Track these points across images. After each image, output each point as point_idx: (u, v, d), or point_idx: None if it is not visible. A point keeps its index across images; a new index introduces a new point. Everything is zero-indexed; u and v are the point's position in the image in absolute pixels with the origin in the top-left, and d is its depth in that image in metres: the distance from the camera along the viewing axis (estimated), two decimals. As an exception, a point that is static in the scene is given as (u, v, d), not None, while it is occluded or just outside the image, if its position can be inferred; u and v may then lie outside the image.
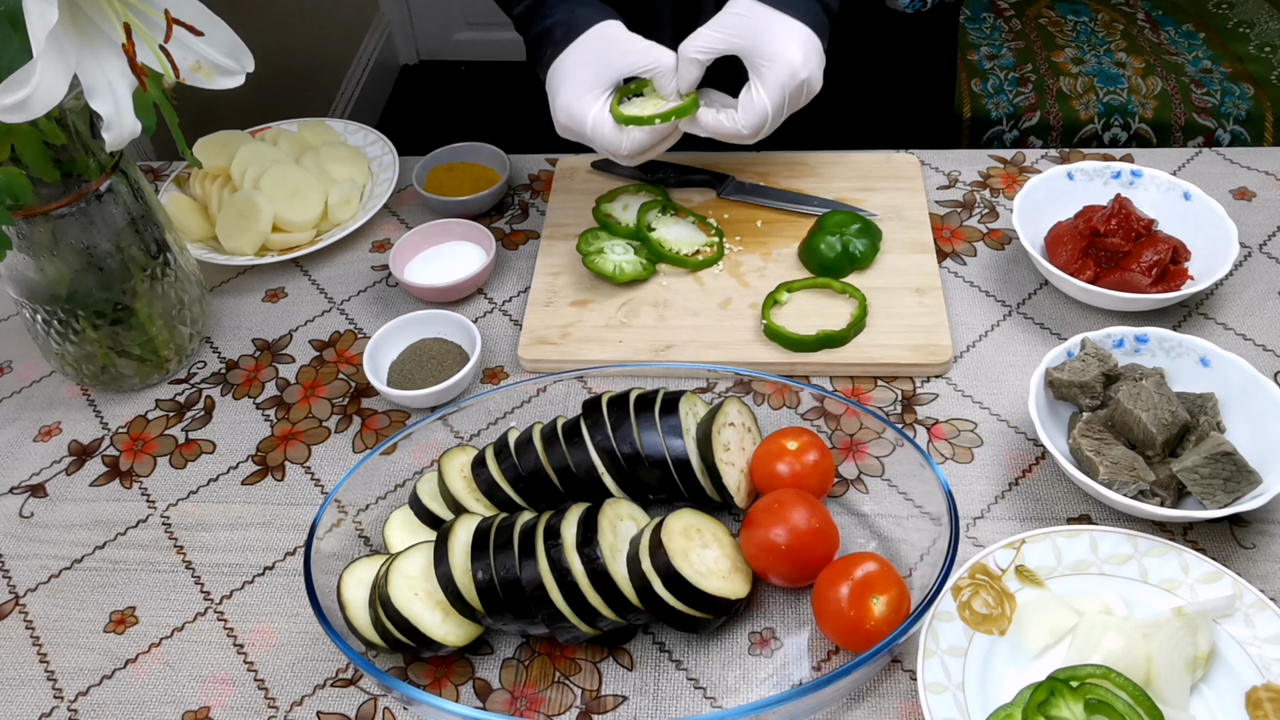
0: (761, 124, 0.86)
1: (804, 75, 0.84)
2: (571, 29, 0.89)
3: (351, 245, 1.07)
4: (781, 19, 0.85)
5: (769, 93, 0.85)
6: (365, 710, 0.71)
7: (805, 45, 0.85)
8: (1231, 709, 0.65)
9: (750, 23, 0.85)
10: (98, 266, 0.83)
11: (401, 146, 1.14)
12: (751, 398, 0.85)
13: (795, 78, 0.84)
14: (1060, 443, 0.79)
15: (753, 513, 0.72)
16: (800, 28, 0.85)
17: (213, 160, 1.05)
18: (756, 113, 0.85)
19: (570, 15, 0.90)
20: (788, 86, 0.84)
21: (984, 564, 0.71)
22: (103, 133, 0.68)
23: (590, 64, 0.88)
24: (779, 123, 0.88)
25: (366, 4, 2.92)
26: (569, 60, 0.89)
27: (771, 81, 0.84)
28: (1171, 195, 0.96)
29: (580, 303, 0.95)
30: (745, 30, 0.85)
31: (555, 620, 0.68)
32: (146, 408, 0.92)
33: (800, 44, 0.84)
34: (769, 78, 0.84)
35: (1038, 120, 1.91)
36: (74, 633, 0.77)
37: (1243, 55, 2.00)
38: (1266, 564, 0.74)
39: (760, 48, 0.85)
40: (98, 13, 0.66)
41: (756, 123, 0.86)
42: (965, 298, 0.96)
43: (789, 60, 0.84)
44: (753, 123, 0.86)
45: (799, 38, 0.84)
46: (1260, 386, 0.78)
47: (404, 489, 0.83)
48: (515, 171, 1.14)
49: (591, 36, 0.88)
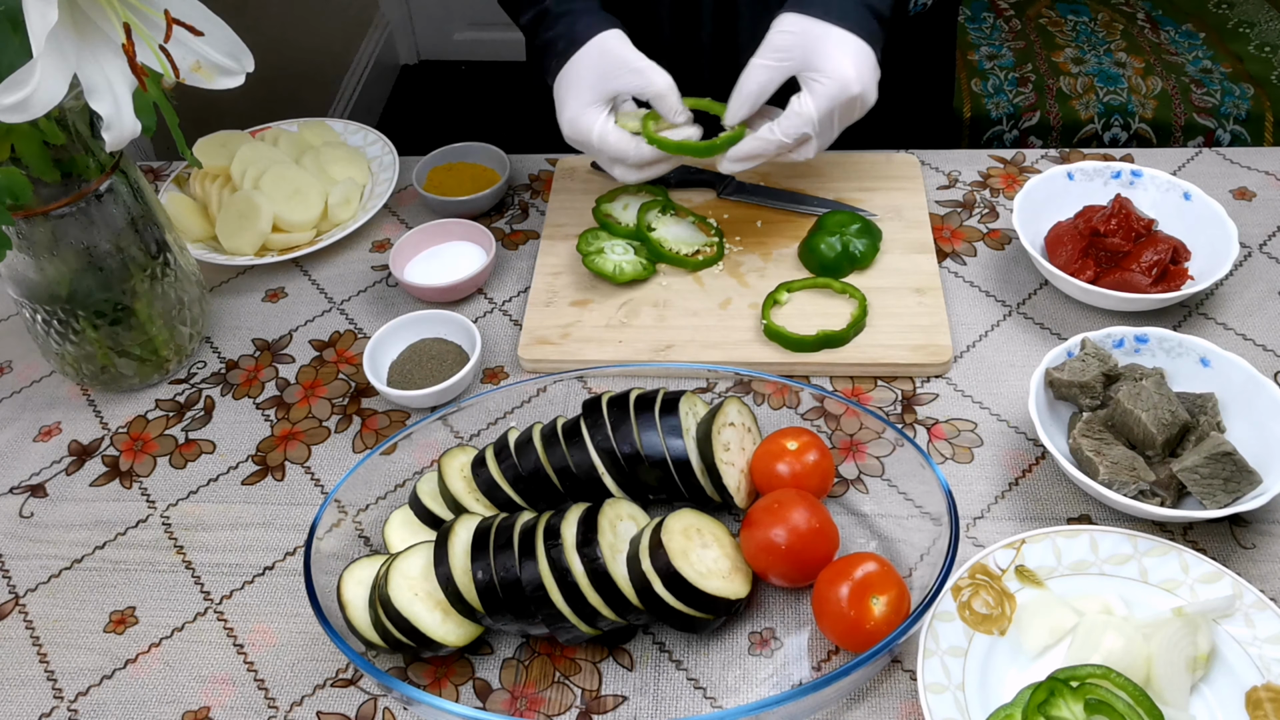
0: (802, 133, 0.84)
1: (856, 90, 0.82)
2: (573, 41, 0.89)
3: (351, 245, 1.07)
4: (832, 32, 0.82)
5: (816, 104, 0.82)
6: (365, 710, 0.71)
7: (858, 58, 0.82)
8: (1231, 709, 0.65)
9: (800, 39, 0.83)
10: (98, 266, 0.83)
11: (401, 146, 1.14)
12: (751, 398, 0.85)
13: (847, 91, 0.82)
14: (1060, 443, 0.79)
15: (753, 513, 0.72)
16: (853, 40, 0.82)
17: (213, 160, 1.05)
18: (801, 122, 0.83)
19: (571, 27, 0.90)
20: (838, 99, 0.82)
21: (984, 564, 0.71)
22: (103, 133, 0.68)
23: (590, 77, 0.88)
24: (828, 139, 0.85)
25: (366, 4, 2.92)
26: (571, 73, 0.89)
27: (821, 94, 0.82)
28: (1171, 195, 0.96)
29: (580, 303, 0.95)
30: (795, 48, 0.83)
31: (555, 620, 0.68)
32: (146, 408, 0.92)
33: (853, 57, 0.82)
34: (819, 90, 0.82)
35: (1038, 120, 1.91)
36: (74, 633, 0.77)
37: (1243, 55, 2.00)
38: (1266, 564, 0.74)
39: (811, 62, 0.82)
40: (98, 13, 0.66)
41: (795, 128, 0.83)
42: (965, 298, 0.96)
43: (841, 75, 0.81)
44: (793, 131, 0.83)
45: (851, 51, 0.82)
46: (1260, 386, 0.78)
47: (404, 489, 0.83)
48: (515, 171, 1.13)
49: (591, 49, 0.88)
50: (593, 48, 0.88)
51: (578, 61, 0.89)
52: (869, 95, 0.84)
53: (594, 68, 0.88)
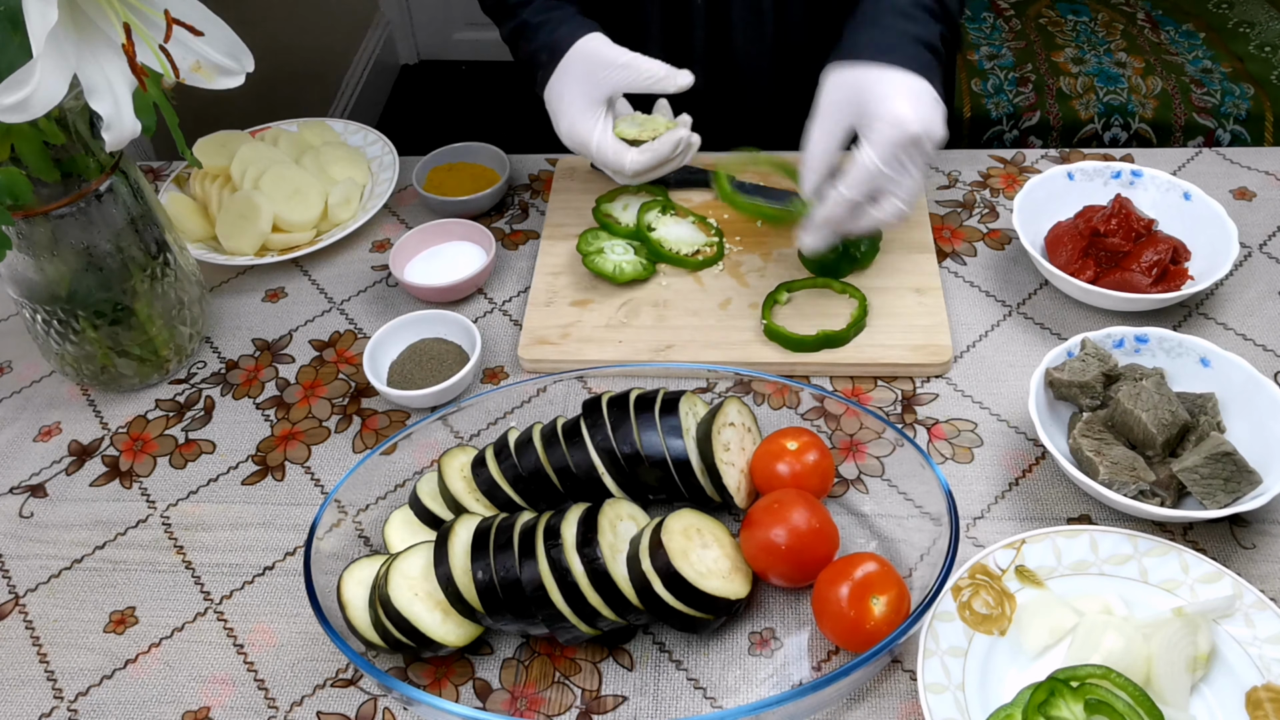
0: (870, 186, 0.78)
1: (916, 129, 0.76)
2: (555, 51, 0.89)
3: (351, 245, 1.07)
4: (883, 75, 0.78)
5: (877, 152, 0.76)
6: (365, 710, 0.71)
7: (912, 95, 0.77)
8: (1231, 709, 0.65)
9: (851, 92, 0.78)
10: (98, 266, 0.83)
11: (401, 146, 1.14)
12: (751, 398, 0.85)
13: (905, 132, 0.76)
14: (1060, 443, 0.79)
15: (753, 513, 0.72)
16: (903, 77, 0.77)
17: (213, 160, 1.05)
18: (865, 174, 0.77)
19: (551, 36, 0.90)
20: (899, 143, 0.76)
21: (984, 564, 0.71)
22: (103, 133, 0.68)
23: (580, 83, 0.88)
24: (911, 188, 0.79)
25: (366, 4, 2.92)
26: (559, 82, 0.89)
27: (879, 141, 0.77)
28: (1171, 195, 0.96)
29: (580, 303, 0.95)
30: (848, 103, 0.79)
31: (555, 620, 0.68)
32: (146, 408, 0.92)
33: (906, 96, 0.76)
34: (876, 138, 0.77)
35: (1038, 120, 1.90)
36: (74, 633, 0.77)
37: (1243, 55, 2.00)
38: (1266, 564, 0.74)
39: (866, 111, 0.77)
40: (98, 13, 0.66)
41: (864, 185, 0.78)
42: (965, 298, 0.96)
43: (895, 117, 0.76)
44: (859, 186, 0.78)
45: (903, 90, 0.77)
46: (1260, 386, 0.78)
47: (404, 489, 0.83)
48: (515, 171, 1.13)
49: (575, 56, 0.88)
50: (576, 53, 0.88)
51: (564, 70, 0.89)
52: (933, 130, 0.77)
53: (581, 73, 0.88)
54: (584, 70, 0.88)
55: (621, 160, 0.88)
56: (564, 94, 0.89)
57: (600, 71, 0.87)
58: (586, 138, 0.88)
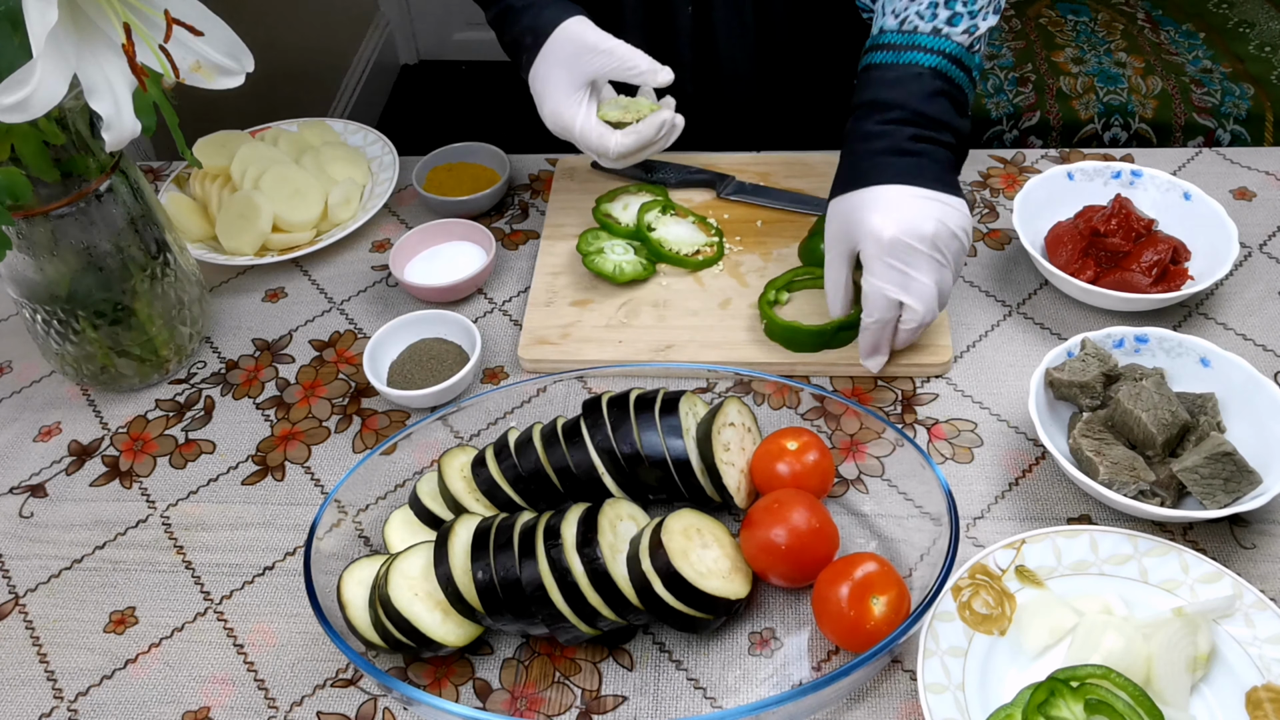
0: (881, 305, 0.80)
1: (890, 234, 0.77)
2: (539, 34, 0.89)
3: (351, 245, 1.07)
4: (860, 196, 0.80)
5: (869, 269, 0.80)
6: (365, 710, 0.71)
7: (884, 205, 0.79)
8: (1231, 709, 0.65)
9: (842, 222, 0.82)
10: (98, 266, 0.83)
11: (401, 146, 1.14)
12: (751, 398, 0.85)
13: (880, 242, 0.78)
14: (1060, 443, 0.79)
15: (753, 513, 0.72)
16: (877, 191, 0.79)
17: (213, 160, 1.05)
18: (875, 297, 0.80)
19: (535, 19, 0.90)
20: (881, 254, 0.79)
21: (984, 564, 0.71)
22: (103, 133, 0.68)
23: (563, 66, 0.88)
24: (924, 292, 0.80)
25: (366, 4, 2.92)
26: (543, 65, 0.89)
27: (867, 258, 0.80)
28: (1171, 195, 0.96)
29: (580, 303, 0.95)
30: (843, 234, 0.82)
31: (555, 620, 0.68)
32: (146, 408, 0.92)
33: (878, 208, 0.79)
34: (865, 256, 0.80)
35: (1038, 120, 1.91)
36: (74, 633, 0.77)
37: (1243, 55, 2.00)
38: (1266, 564, 0.74)
39: (853, 236, 0.81)
40: (98, 13, 0.66)
41: (880, 310, 0.81)
42: (965, 298, 0.96)
43: (870, 231, 0.79)
44: (876, 312, 0.81)
45: (876, 203, 0.79)
46: (1260, 386, 0.78)
47: (404, 489, 0.83)
48: (515, 171, 1.14)
49: (559, 38, 0.88)
50: (559, 37, 0.88)
51: (547, 53, 0.89)
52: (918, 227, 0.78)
53: (564, 56, 0.88)
54: (567, 54, 0.88)
55: (605, 143, 0.88)
56: (547, 77, 0.89)
57: (583, 55, 0.87)
58: (570, 121, 0.88)
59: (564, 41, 0.88)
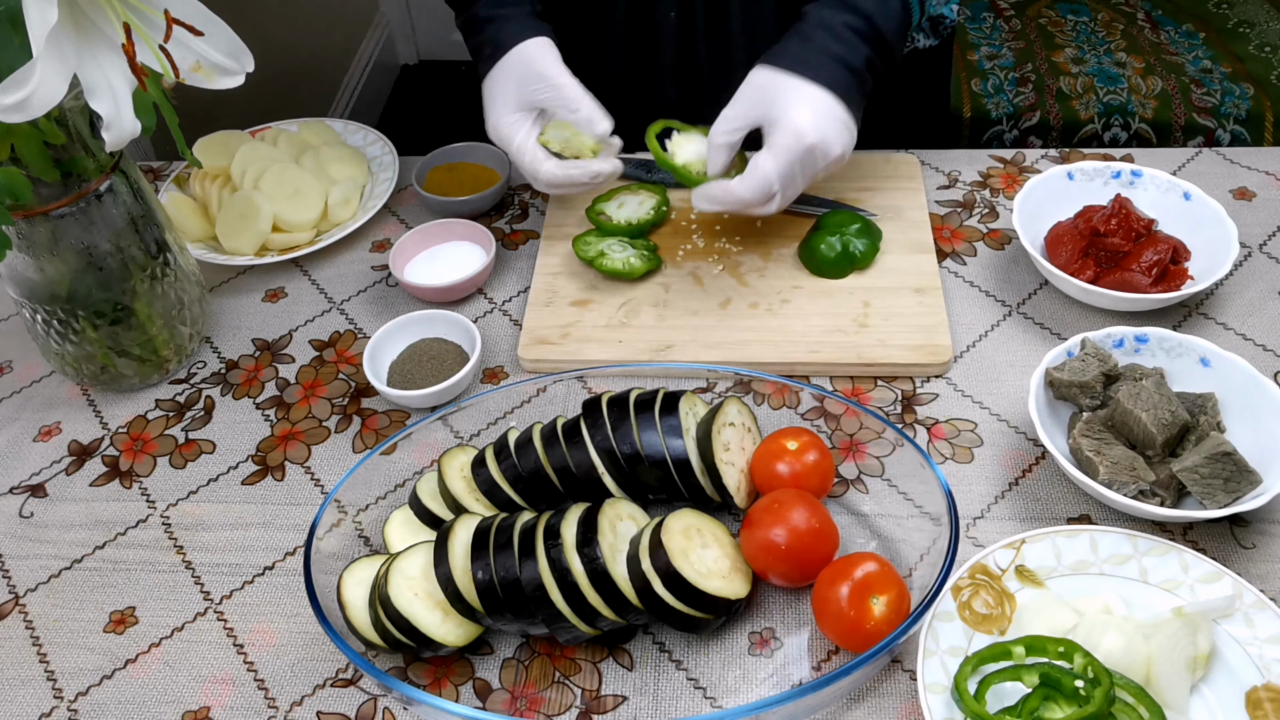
0: (763, 189, 0.83)
1: (811, 139, 0.81)
2: (499, 47, 0.90)
3: (351, 245, 1.07)
4: (795, 84, 0.83)
5: (774, 158, 0.82)
6: (365, 710, 0.71)
7: (816, 109, 0.82)
8: (1231, 709, 0.65)
9: (765, 93, 0.83)
10: (98, 266, 0.83)
11: (401, 146, 1.14)
12: (751, 398, 0.85)
13: (801, 141, 0.81)
14: (1060, 443, 0.79)
15: (753, 513, 0.72)
16: (814, 91, 0.82)
17: (213, 160, 1.05)
18: (757, 178, 0.83)
19: (498, 33, 0.91)
20: (794, 151, 0.82)
21: (984, 564, 0.71)
22: (103, 133, 0.68)
23: (511, 86, 0.89)
24: (792, 193, 0.85)
25: (366, 4, 2.92)
26: (495, 80, 0.91)
27: (777, 146, 0.82)
28: (1171, 195, 0.96)
29: (580, 303, 0.95)
30: (760, 102, 0.84)
31: (555, 620, 0.68)
32: (146, 408, 0.92)
33: (811, 108, 0.82)
34: (775, 143, 0.83)
35: (1038, 120, 1.91)
36: (74, 633, 0.77)
37: (1243, 55, 2.00)
38: (1266, 564, 0.74)
39: (771, 115, 0.83)
40: (98, 13, 0.66)
41: (756, 187, 0.83)
42: (965, 298, 0.96)
43: (795, 125, 0.81)
44: (751, 187, 0.83)
45: (810, 102, 0.82)
46: (1260, 386, 0.78)
47: (404, 489, 0.83)
48: (515, 171, 1.13)
49: (515, 57, 0.89)
50: (515, 56, 0.89)
51: (500, 69, 0.90)
52: (830, 147, 0.83)
53: (514, 77, 0.89)
54: (519, 75, 0.89)
55: (537, 170, 0.90)
56: (497, 93, 0.90)
57: (532, 82, 0.88)
58: (509, 139, 0.90)
59: (519, 63, 0.89)
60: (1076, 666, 0.63)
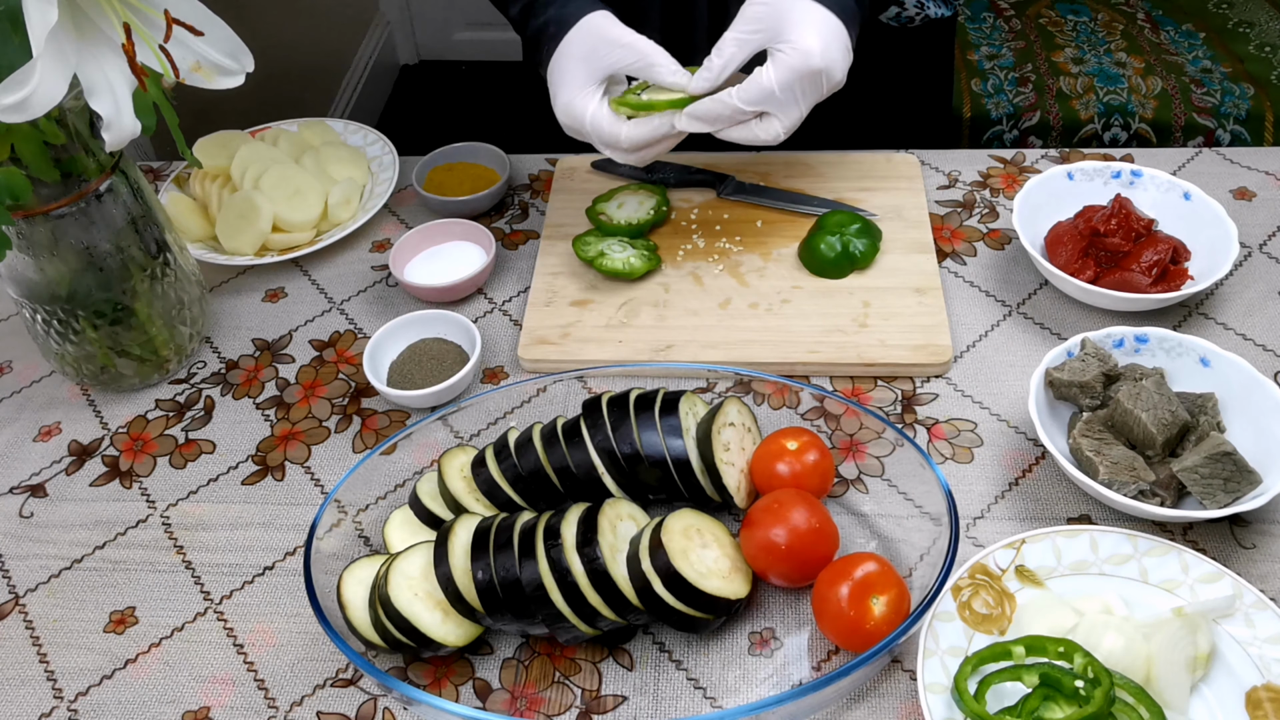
0: (761, 98, 0.81)
1: (819, 64, 0.80)
2: (563, 24, 0.88)
3: (351, 245, 1.07)
4: (804, 5, 0.81)
5: (777, 73, 0.80)
6: (365, 710, 0.71)
7: (825, 32, 0.81)
8: (1231, 709, 0.65)
9: (771, 10, 0.82)
10: (98, 266, 0.83)
11: (401, 146, 1.14)
12: (751, 398, 0.85)
13: (809, 63, 0.80)
14: (1060, 443, 0.79)
15: (753, 513, 0.72)
16: (823, 14, 0.81)
17: (213, 160, 1.05)
18: (759, 90, 0.81)
19: (561, 11, 0.89)
20: (799, 71, 0.80)
21: (984, 564, 0.71)
22: (103, 133, 0.68)
23: (582, 59, 0.87)
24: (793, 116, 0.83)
25: (366, 4, 2.92)
26: (563, 56, 0.88)
27: (782, 64, 0.80)
28: (1171, 195, 0.96)
29: (580, 303, 0.95)
30: (766, 19, 0.82)
31: (555, 620, 0.68)
32: (146, 408, 0.92)
33: (819, 31, 0.80)
34: (781, 61, 0.80)
35: (1038, 120, 1.91)
36: (74, 633, 0.77)
37: (1243, 55, 2.00)
38: (1266, 564, 0.74)
39: (779, 34, 0.81)
40: (98, 13, 0.66)
41: (753, 96, 0.81)
42: (965, 298, 0.96)
43: (805, 46, 0.80)
44: (751, 99, 0.81)
45: (819, 24, 0.81)
46: (1260, 386, 0.78)
47: (404, 489, 0.83)
48: (515, 171, 1.13)
49: (581, 30, 0.87)
50: (581, 29, 0.87)
51: (567, 45, 0.88)
52: (834, 72, 0.81)
53: (583, 49, 0.87)
54: (587, 47, 0.87)
55: (618, 134, 0.87)
56: (565, 70, 0.88)
57: (602, 49, 0.86)
58: (581, 115, 0.87)
59: (585, 34, 0.87)
60: (1076, 666, 0.63)
